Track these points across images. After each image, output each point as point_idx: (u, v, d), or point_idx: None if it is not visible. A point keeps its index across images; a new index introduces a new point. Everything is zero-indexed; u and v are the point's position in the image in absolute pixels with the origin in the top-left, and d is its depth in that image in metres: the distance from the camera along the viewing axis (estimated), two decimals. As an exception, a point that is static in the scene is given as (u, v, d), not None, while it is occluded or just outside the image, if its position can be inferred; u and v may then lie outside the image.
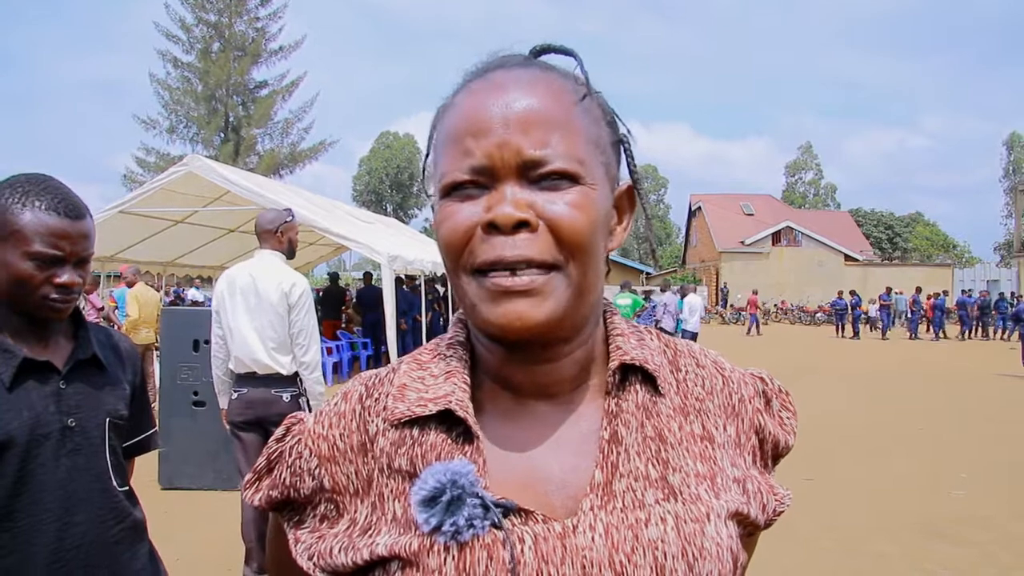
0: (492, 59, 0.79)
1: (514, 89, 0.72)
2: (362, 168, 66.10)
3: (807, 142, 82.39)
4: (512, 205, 0.69)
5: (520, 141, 0.70)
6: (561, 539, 0.69)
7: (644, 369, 0.78)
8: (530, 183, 0.71)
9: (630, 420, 0.75)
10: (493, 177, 0.71)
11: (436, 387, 0.76)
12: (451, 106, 0.76)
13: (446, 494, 0.68)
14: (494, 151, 0.70)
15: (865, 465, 7.41)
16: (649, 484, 0.73)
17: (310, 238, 16.19)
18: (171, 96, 38.12)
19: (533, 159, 0.70)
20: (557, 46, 0.80)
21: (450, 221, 0.72)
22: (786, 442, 0.86)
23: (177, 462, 6.09)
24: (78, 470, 1.60)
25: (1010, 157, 61.37)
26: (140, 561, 1.70)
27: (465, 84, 0.77)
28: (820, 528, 5.33)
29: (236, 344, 4.08)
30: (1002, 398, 12.36)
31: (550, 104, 0.72)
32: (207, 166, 10.60)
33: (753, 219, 47.07)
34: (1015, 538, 5.24)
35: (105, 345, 1.76)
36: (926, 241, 59.64)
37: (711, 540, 0.72)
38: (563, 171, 0.70)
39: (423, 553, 0.69)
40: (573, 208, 0.70)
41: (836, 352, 21.57)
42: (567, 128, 0.72)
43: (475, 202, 0.71)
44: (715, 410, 0.81)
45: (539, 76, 0.74)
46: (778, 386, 0.88)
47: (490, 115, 0.71)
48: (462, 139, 0.72)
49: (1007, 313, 26.99)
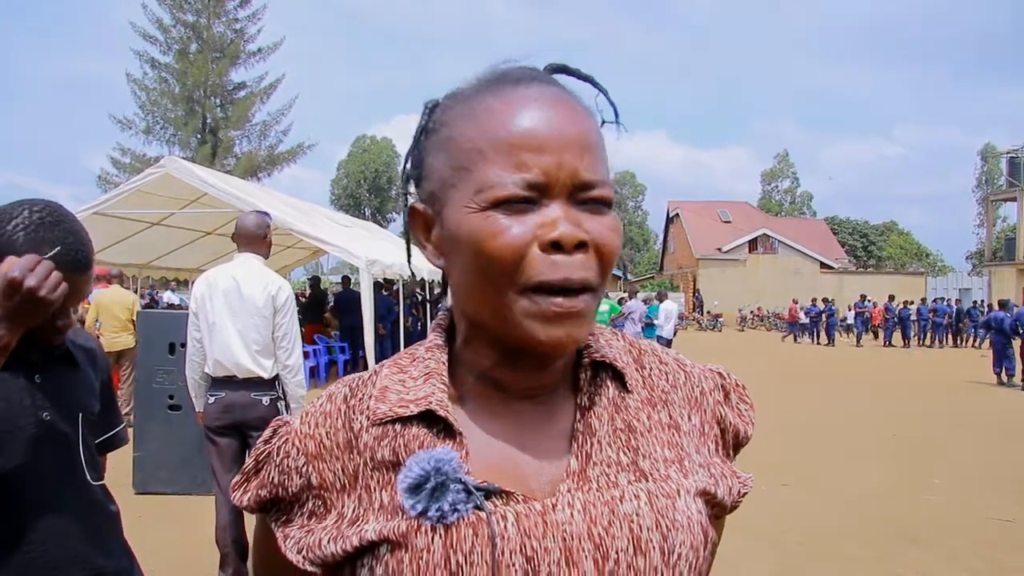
0: (514, 68, 0.78)
1: (563, 109, 0.73)
2: (340, 172, 65.76)
3: (784, 150, 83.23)
4: (573, 225, 0.70)
5: (576, 163, 0.71)
6: (542, 516, 0.72)
7: (614, 367, 0.82)
8: (575, 204, 0.72)
9: (602, 413, 0.79)
10: (545, 194, 0.71)
11: (416, 389, 0.79)
12: (476, 109, 0.75)
13: (430, 481, 0.71)
14: (553, 169, 0.70)
15: (839, 471, 7.49)
16: (621, 469, 0.77)
17: (288, 241, 16.11)
18: (148, 97, 37.71)
19: (586, 182, 0.72)
20: (573, 69, 0.82)
21: (503, 237, 0.70)
22: (745, 432, 0.90)
23: (152, 466, 6.03)
24: (52, 463, 1.60)
25: (984, 167, 62.32)
26: (115, 555, 1.71)
27: (490, 90, 0.75)
28: (793, 532, 5.38)
29: (216, 347, 4.04)
30: (974, 405, 12.55)
31: (594, 129, 0.75)
32: (184, 168, 10.53)
33: (730, 226, 47.40)
34: (986, 543, 5.32)
35: (75, 343, 1.78)
36: (900, 250, 60.45)
37: (682, 513, 0.76)
38: (607, 198, 0.73)
39: (411, 534, 0.71)
40: (612, 232, 0.73)
41: (811, 359, 21.77)
42: (601, 153, 0.75)
43: (523, 218, 0.71)
44: (679, 401, 0.85)
45: (570, 98, 0.76)
46: (735, 380, 0.92)
47: (548, 131, 0.71)
48: (515, 151, 0.71)
49: (978, 321, 27.40)
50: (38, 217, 1.51)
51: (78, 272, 1.55)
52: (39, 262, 1.41)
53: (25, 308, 1.39)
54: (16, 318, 1.39)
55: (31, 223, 1.50)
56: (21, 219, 1.49)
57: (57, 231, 1.52)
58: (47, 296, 1.40)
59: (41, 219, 1.51)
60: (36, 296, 1.39)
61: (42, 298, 1.40)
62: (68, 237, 1.54)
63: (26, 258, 1.40)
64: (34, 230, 1.49)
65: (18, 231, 1.48)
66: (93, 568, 1.63)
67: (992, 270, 37.12)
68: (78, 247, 1.55)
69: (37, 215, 1.51)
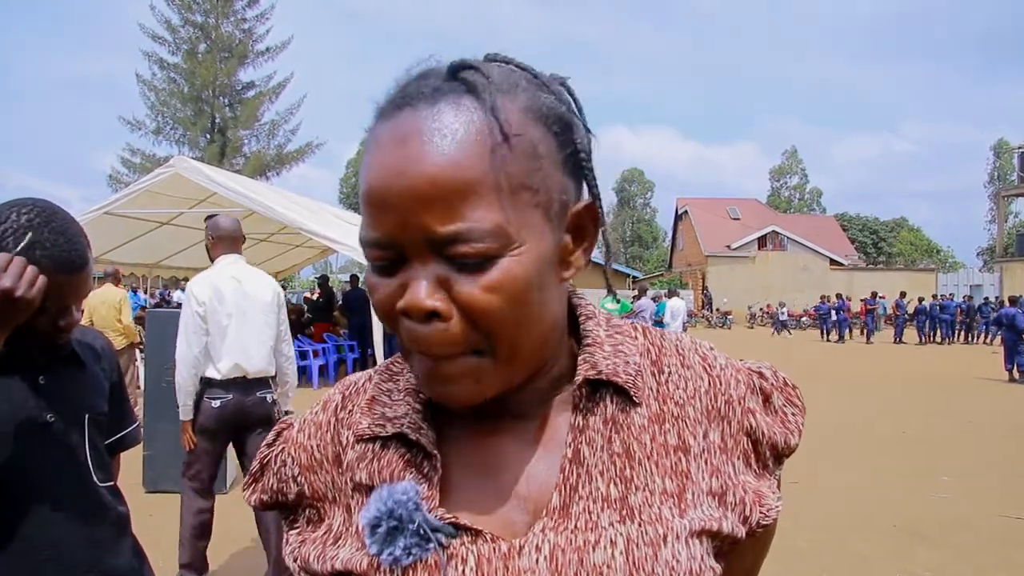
0: (405, 84, 0.68)
1: (418, 143, 0.62)
2: (349, 170, 65.84)
3: (792, 146, 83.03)
4: (423, 291, 0.63)
5: (425, 219, 0.61)
6: (504, 560, 0.68)
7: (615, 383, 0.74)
8: (445, 259, 0.63)
9: (595, 437, 0.72)
10: (402, 254, 0.64)
11: (396, 405, 0.77)
12: (367, 147, 0.67)
13: (382, 525, 0.69)
14: (397, 231, 0.63)
15: (849, 468, 7.46)
16: (607, 505, 0.70)
17: (297, 240, 16.14)
18: (157, 97, 37.87)
19: (440, 237, 0.62)
20: (471, 62, 0.68)
21: (375, 296, 0.67)
22: (786, 441, 0.79)
23: (162, 465, 6.05)
24: (58, 465, 1.60)
25: (996, 163, 61.90)
26: (123, 556, 1.70)
27: (376, 121, 0.67)
28: (803, 530, 5.36)
29: (231, 349, 4.02)
30: (984, 402, 12.48)
31: (461, 161, 0.62)
32: (193, 168, 10.56)
33: (739, 223, 47.31)
34: (997, 540, 5.30)
35: (82, 343, 1.77)
36: (910, 246, 60.13)
37: (664, 564, 0.68)
38: (475, 253, 0.62)
39: (371, 571, 0.70)
40: (488, 292, 0.62)
41: (822, 356, 21.69)
42: (481, 189, 0.62)
43: (390, 279, 0.66)
44: (696, 416, 0.75)
45: (447, 120, 0.63)
46: (783, 379, 0.81)
47: (389, 184, 0.62)
48: (368, 208, 0.64)
49: (990, 318, 27.23)
50: (25, 219, 1.48)
51: (71, 272, 1.53)
52: (11, 260, 1.38)
53: (6, 309, 1.37)
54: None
55: (19, 226, 1.47)
56: (9, 223, 1.47)
57: (46, 231, 1.49)
58: (24, 295, 1.37)
59: (29, 221, 1.48)
60: (13, 296, 1.36)
61: (20, 298, 1.37)
62: (58, 238, 1.50)
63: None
64: (22, 233, 1.47)
65: (7, 236, 1.46)
66: (102, 569, 1.63)
67: (1004, 266, 36.86)
68: (68, 247, 1.52)
69: (24, 217, 1.48)
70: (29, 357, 1.60)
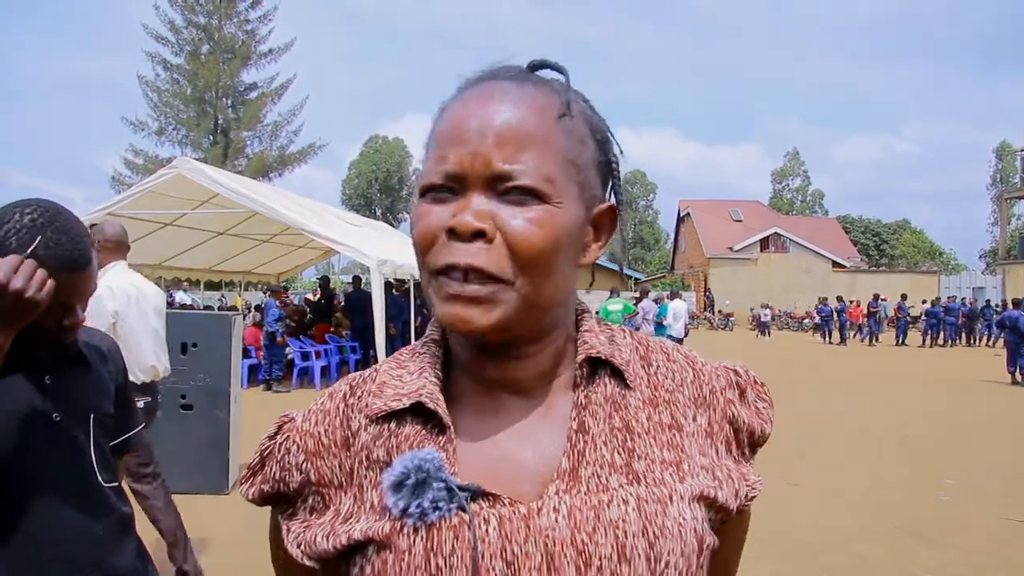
0: (490, 68, 0.82)
1: (498, 101, 0.75)
2: (351, 172, 65.94)
3: (794, 148, 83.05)
4: (472, 214, 0.72)
5: (492, 153, 0.73)
6: (525, 520, 0.72)
7: (612, 363, 0.81)
8: (497, 195, 0.73)
9: (598, 411, 0.79)
10: (463, 185, 0.74)
11: (410, 383, 0.80)
12: (444, 110, 0.79)
13: (411, 478, 0.72)
14: (466, 160, 0.73)
15: (851, 470, 7.46)
16: (614, 470, 0.76)
17: (299, 241, 16.15)
18: (160, 98, 37.91)
19: (501, 172, 0.72)
20: (551, 62, 0.83)
21: (422, 222, 0.75)
22: (762, 430, 0.88)
23: (164, 465, 6.00)
24: (63, 464, 1.60)
25: (999, 165, 61.86)
26: (128, 556, 1.71)
27: (460, 91, 0.80)
28: (804, 532, 5.37)
29: (149, 353, 4.14)
30: (987, 404, 12.48)
31: (530, 119, 0.74)
32: (196, 168, 10.58)
33: (741, 225, 47.26)
34: (999, 542, 5.30)
35: (89, 344, 1.78)
36: (913, 248, 60.09)
37: (672, 520, 0.74)
38: (529, 187, 0.73)
39: (394, 535, 0.72)
40: (532, 224, 0.72)
41: (823, 358, 21.68)
42: (543, 145, 0.74)
43: (445, 206, 0.74)
44: (685, 401, 0.83)
45: (527, 91, 0.77)
46: (753, 377, 0.90)
47: (470, 125, 0.74)
48: (443, 144, 0.75)
49: (992, 320, 27.20)
50: (29, 220, 1.49)
51: (74, 271, 1.53)
52: (22, 262, 1.39)
53: (13, 310, 1.37)
54: (4, 320, 1.38)
55: (22, 226, 1.48)
56: (12, 223, 1.48)
57: (49, 231, 1.50)
58: (33, 296, 1.38)
59: (32, 221, 1.49)
60: (23, 298, 1.37)
61: (29, 299, 1.38)
62: (61, 237, 1.51)
63: (9, 258, 1.38)
64: (26, 233, 1.48)
65: (10, 236, 1.47)
66: (106, 568, 1.63)
67: (1006, 268, 36.85)
68: (72, 246, 1.53)
69: (28, 217, 1.49)
70: (35, 357, 1.60)
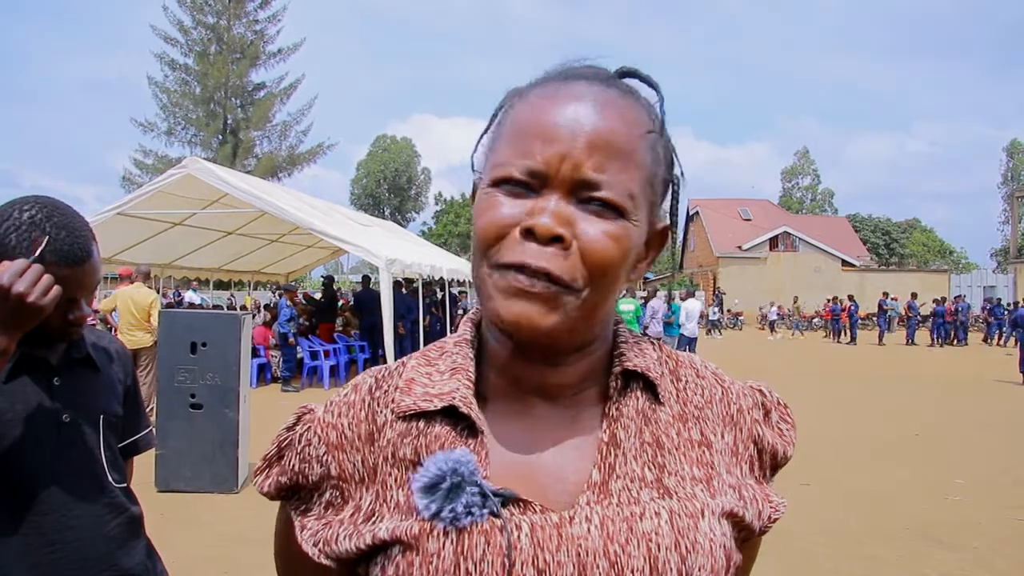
0: (578, 65, 0.79)
1: (591, 105, 0.73)
2: (360, 171, 65.97)
3: (803, 147, 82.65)
4: (554, 218, 0.70)
5: (582, 159, 0.70)
6: (557, 528, 0.71)
7: (645, 377, 0.79)
8: (577, 201, 0.71)
9: (629, 424, 0.77)
10: (544, 184, 0.71)
11: (442, 383, 0.78)
12: (526, 98, 0.77)
13: (446, 481, 0.71)
14: (554, 160, 0.71)
15: (861, 471, 7.42)
16: (644, 485, 0.74)
17: (308, 241, 16.20)
18: (169, 98, 38.12)
19: (588, 180, 0.70)
20: (643, 74, 0.81)
21: (492, 213, 0.72)
22: (784, 452, 0.87)
23: (174, 464, 6.09)
24: (73, 465, 1.60)
25: (1010, 163, 61.48)
26: (138, 555, 1.71)
27: (545, 81, 0.77)
28: (815, 533, 5.34)
29: None
30: (999, 404, 12.39)
31: (621, 131, 0.73)
32: (205, 168, 10.63)
33: (751, 224, 47.09)
34: (1011, 543, 5.26)
35: (97, 346, 1.77)
36: (923, 247, 59.80)
37: (704, 535, 0.73)
38: (612, 202, 0.71)
39: (423, 537, 0.71)
40: (609, 238, 0.71)
41: (833, 358, 21.60)
42: (629, 160, 0.73)
43: (520, 202, 0.72)
44: (713, 418, 0.82)
45: (618, 100, 0.75)
46: (776, 398, 0.89)
47: (561, 124, 0.71)
48: (527, 137, 0.72)
49: (1004, 319, 27.04)
50: (28, 216, 1.49)
51: (75, 265, 1.53)
52: (28, 266, 1.39)
53: (18, 314, 1.37)
54: (10, 324, 1.38)
55: (22, 223, 1.48)
56: (12, 220, 1.48)
57: (48, 227, 1.50)
58: (37, 301, 1.38)
59: (32, 217, 1.49)
60: (26, 302, 1.37)
61: (32, 303, 1.37)
62: (60, 232, 1.51)
63: (16, 263, 1.38)
64: (26, 229, 1.48)
65: (10, 233, 1.47)
66: (117, 569, 1.63)
67: (1017, 267, 36.62)
68: (71, 241, 1.53)
69: (27, 214, 1.49)
70: (44, 359, 1.60)
